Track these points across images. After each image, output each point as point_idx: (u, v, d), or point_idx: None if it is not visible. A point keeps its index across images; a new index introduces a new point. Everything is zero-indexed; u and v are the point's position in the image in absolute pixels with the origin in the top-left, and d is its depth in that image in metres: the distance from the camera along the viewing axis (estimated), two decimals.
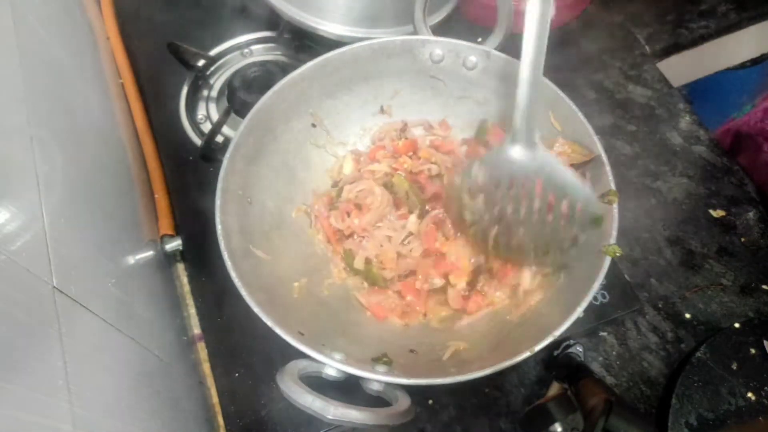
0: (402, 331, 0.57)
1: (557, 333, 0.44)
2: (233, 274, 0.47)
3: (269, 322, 0.45)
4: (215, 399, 0.62)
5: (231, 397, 0.58)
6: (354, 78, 0.63)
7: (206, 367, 0.65)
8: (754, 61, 1.05)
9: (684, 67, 0.94)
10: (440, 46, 0.62)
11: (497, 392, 0.61)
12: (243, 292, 0.46)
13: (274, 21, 0.81)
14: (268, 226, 0.58)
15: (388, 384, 0.45)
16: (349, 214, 0.61)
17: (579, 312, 0.45)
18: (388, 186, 0.63)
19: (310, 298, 0.57)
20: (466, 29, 0.84)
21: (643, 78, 0.84)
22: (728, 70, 1.05)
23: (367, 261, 0.60)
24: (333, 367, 0.44)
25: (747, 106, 0.88)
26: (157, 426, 0.47)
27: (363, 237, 0.61)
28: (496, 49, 0.60)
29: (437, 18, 0.75)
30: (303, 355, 0.44)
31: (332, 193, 0.64)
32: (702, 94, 1.12)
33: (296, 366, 0.44)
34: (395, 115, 0.68)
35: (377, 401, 0.45)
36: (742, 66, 1.06)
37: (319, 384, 0.43)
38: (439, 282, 0.59)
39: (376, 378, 0.44)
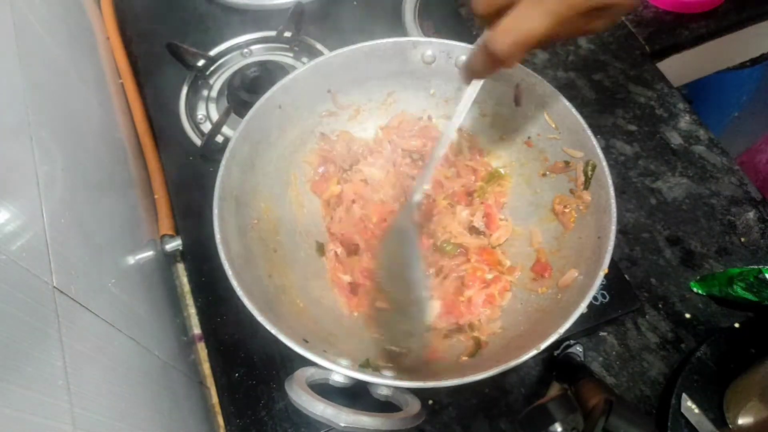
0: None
1: (562, 330, 0.45)
2: (235, 283, 0.46)
3: (274, 331, 0.44)
4: (215, 399, 0.62)
5: (231, 397, 0.58)
6: (347, 81, 0.63)
7: (206, 367, 0.65)
8: (754, 61, 1.05)
9: (684, 67, 0.94)
10: (431, 47, 0.61)
11: (497, 392, 0.61)
12: (246, 302, 0.45)
13: (274, 21, 0.81)
14: (266, 233, 0.58)
15: (397, 388, 0.45)
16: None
17: (582, 308, 0.46)
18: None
19: (311, 303, 0.57)
20: (467, 30, 0.84)
21: (643, 78, 0.84)
22: (728, 70, 1.05)
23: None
24: (342, 374, 0.43)
25: (743, 98, 0.87)
26: (157, 426, 0.47)
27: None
28: None
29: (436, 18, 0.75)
30: (308, 362, 0.43)
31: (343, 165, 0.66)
32: (702, 94, 1.12)
33: (304, 374, 0.44)
34: (389, 117, 0.68)
35: (384, 405, 0.45)
36: (742, 66, 1.06)
37: (324, 390, 0.43)
38: None
39: (385, 383, 0.43)
